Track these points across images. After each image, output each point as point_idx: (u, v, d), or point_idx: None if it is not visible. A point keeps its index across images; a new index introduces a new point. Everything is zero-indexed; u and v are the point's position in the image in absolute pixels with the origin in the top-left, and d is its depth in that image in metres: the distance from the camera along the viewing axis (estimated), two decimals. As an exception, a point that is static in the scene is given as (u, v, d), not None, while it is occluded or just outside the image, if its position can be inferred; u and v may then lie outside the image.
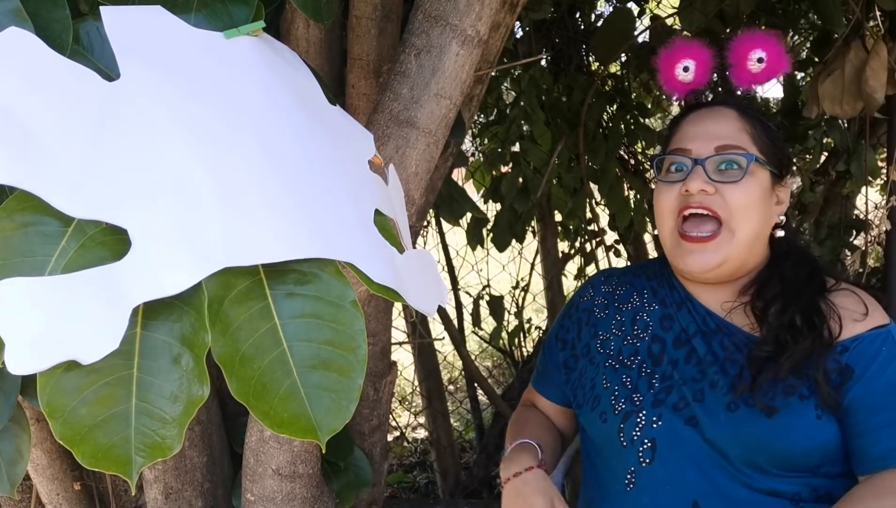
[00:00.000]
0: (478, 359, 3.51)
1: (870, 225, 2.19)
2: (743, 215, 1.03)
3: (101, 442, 0.59)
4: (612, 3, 2.57)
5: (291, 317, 0.62)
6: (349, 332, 0.62)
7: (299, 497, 1.20)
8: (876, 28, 1.94)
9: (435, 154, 1.06)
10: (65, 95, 0.62)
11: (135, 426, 0.59)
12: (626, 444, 1.08)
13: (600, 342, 1.19)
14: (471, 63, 1.03)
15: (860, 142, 2.10)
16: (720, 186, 1.03)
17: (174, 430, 0.59)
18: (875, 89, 1.74)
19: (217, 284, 0.60)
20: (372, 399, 1.49)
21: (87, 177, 0.59)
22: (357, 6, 1.18)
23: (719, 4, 2.00)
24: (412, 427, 3.29)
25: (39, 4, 0.65)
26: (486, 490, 2.69)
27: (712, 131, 1.06)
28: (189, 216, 0.60)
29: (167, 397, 0.59)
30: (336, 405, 0.62)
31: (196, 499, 1.30)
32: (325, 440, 0.62)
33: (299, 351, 0.62)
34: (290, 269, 0.63)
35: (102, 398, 0.58)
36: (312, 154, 0.71)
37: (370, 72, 1.22)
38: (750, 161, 1.03)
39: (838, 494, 1.01)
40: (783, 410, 1.00)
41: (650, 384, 1.10)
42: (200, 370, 0.59)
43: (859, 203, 2.61)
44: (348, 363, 0.62)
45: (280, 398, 0.61)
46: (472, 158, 2.58)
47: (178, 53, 0.68)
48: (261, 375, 0.61)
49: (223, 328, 0.60)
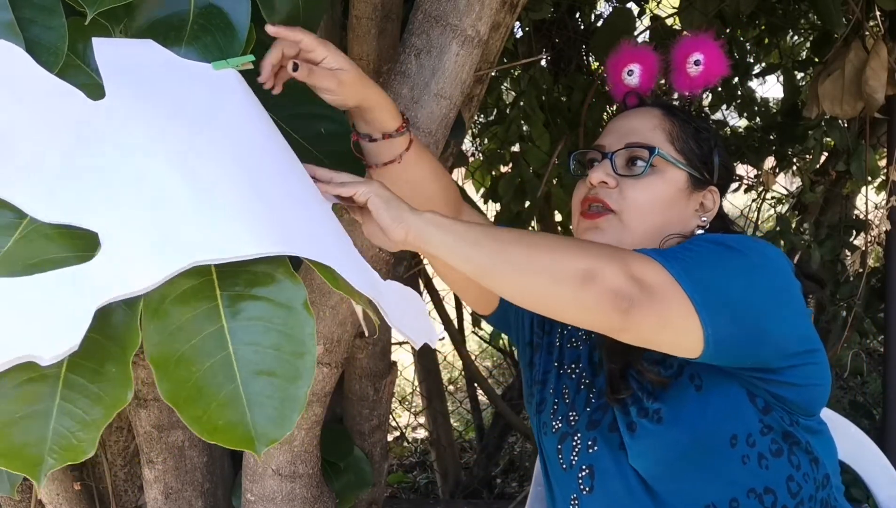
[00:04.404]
0: (478, 359, 3.51)
1: (870, 225, 2.19)
2: (638, 211, 0.99)
3: (16, 440, 0.56)
4: (612, 3, 2.57)
5: (239, 319, 0.60)
6: (298, 336, 0.60)
7: (299, 497, 1.20)
8: (876, 28, 1.94)
9: (435, 154, 1.06)
10: (47, 109, 0.63)
11: (53, 426, 0.57)
12: (565, 467, 1.04)
13: (559, 335, 1.14)
14: (471, 63, 1.03)
15: (860, 142, 2.10)
16: (623, 181, 1.00)
17: (92, 433, 0.57)
18: (875, 89, 1.74)
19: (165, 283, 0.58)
20: (372, 399, 1.49)
21: (63, 186, 0.60)
22: (357, 6, 1.18)
23: (719, 4, 2.00)
24: (412, 427, 3.29)
25: (36, 12, 0.66)
26: (486, 490, 2.69)
27: (627, 128, 1.04)
28: (158, 219, 0.60)
29: (90, 398, 0.57)
30: (279, 414, 0.59)
31: (196, 499, 1.30)
32: (262, 452, 0.58)
33: (244, 355, 0.59)
34: (244, 270, 0.61)
35: (24, 395, 0.56)
36: (288, 173, 0.72)
37: (370, 72, 1.22)
38: (653, 155, 0.99)
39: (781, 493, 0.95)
40: (666, 405, 0.95)
41: (587, 401, 1.04)
42: (126, 372, 0.57)
43: (859, 203, 2.61)
44: (295, 369, 0.60)
45: (218, 403, 0.58)
46: (472, 159, 2.58)
47: (163, 79, 0.70)
48: (199, 378, 0.58)
49: (160, 327, 0.58)
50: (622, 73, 1.11)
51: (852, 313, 2.19)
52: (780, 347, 0.89)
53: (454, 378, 3.66)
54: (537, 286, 0.79)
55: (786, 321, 0.89)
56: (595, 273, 0.77)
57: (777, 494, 0.95)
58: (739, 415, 0.94)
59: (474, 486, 2.64)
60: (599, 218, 1.00)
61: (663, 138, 1.02)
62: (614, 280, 0.77)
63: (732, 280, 0.85)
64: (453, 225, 0.78)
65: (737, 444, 0.94)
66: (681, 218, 1.02)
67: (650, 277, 0.80)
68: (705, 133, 1.05)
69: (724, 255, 0.87)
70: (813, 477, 0.97)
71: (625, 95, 1.11)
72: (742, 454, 0.94)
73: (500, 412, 2.67)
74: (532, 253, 0.78)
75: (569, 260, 0.78)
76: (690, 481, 0.95)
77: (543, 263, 0.78)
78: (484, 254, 0.78)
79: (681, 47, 1.08)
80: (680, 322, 0.81)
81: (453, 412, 3.04)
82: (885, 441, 2.00)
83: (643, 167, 1.00)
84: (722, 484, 0.95)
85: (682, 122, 1.04)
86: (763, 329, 0.87)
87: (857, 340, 2.69)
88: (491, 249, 0.78)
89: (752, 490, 0.95)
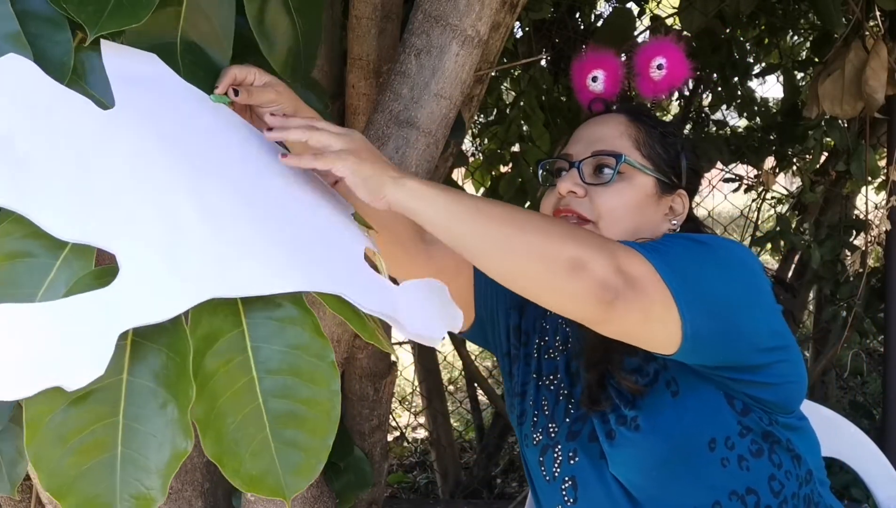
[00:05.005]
0: (478, 359, 3.51)
1: (870, 225, 2.19)
2: (610, 219, 0.98)
3: (87, 492, 0.57)
4: (612, 3, 2.57)
5: (269, 371, 0.61)
6: (325, 392, 0.62)
7: (299, 497, 1.20)
8: (876, 28, 1.94)
9: (435, 154, 1.06)
10: (60, 121, 0.63)
11: (120, 474, 0.57)
12: (548, 479, 1.04)
13: (536, 346, 1.13)
14: (471, 63, 1.03)
15: (860, 142, 2.10)
16: (591, 189, 1.00)
17: (158, 481, 0.58)
18: (875, 89, 1.74)
19: (201, 335, 0.59)
20: (372, 399, 1.49)
21: (80, 202, 0.59)
22: (357, 6, 1.18)
23: (719, 4, 2.00)
24: (412, 427, 3.29)
25: (41, 26, 0.66)
26: (486, 490, 2.69)
27: (593, 136, 1.04)
28: (179, 245, 0.60)
29: (153, 446, 0.58)
30: (305, 463, 0.61)
31: (196, 499, 1.30)
32: (290, 499, 0.61)
33: (274, 407, 0.61)
34: (270, 319, 0.62)
35: (88, 447, 0.57)
36: (301, 198, 0.73)
37: (370, 72, 1.22)
38: (620, 162, 0.99)
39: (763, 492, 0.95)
40: (643, 413, 0.94)
41: (566, 411, 1.04)
42: (185, 422, 0.58)
43: (859, 203, 2.61)
44: (321, 423, 0.62)
45: (251, 453, 0.60)
46: (472, 159, 2.58)
47: (170, 95, 0.71)
48: (234, 430, 0.60)
49: (203, 381, 0.59)
50: (586, 79, 1.10)
51: (852, 313, 2.19)
52: (753, 342, 0.89)
53: (454, 378, 3.66)
54: (523, 270, 0.78)
55: (758, 315, 0.90)
56: (584, 263, 0.76)
57: (759, 494, 0.95)
58: (717, 419, 0.94)
59: (474, 486, 2.64)
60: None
61: (630, 145, 1.02)
62: (602, 272, 0.76)
63: (708, 275, 0.86)
64: (438, 196, 0.76)
65: (716, 447, 0.94)
66: (651, 222, 1.02)
67: (635, 269, 0.79)
68: (671, 137, 1.05)
69: (697, 251, 0.88)
70: (795, 474, 0.97)
71: (590, 102, 1.11)
72: (721, 457, 0.94)
73: (500, 413, 2.67)
74: (520, 235, 0.77)
75: (558, 246, 0.77)
76: (671, 487, 0.95)
77: (532, 246, 0.77)
78: (469, 231, 0.76)
79: (643, 52, 1.08)
80: (660, 316, 0.81)
81: (453, 412, 3.04)
82: (885, 441, 2.00)
83: (610, 175, 0.99)
84: (703, 489, 0.95)
85: (649, 127, 1.04)
86: (737, 323, 0.87)
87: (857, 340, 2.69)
88: (477, 226, 0.76)
89: (734, 492, 0.94)
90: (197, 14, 0.75)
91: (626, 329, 0.83)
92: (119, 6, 0.65)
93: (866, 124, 2.03)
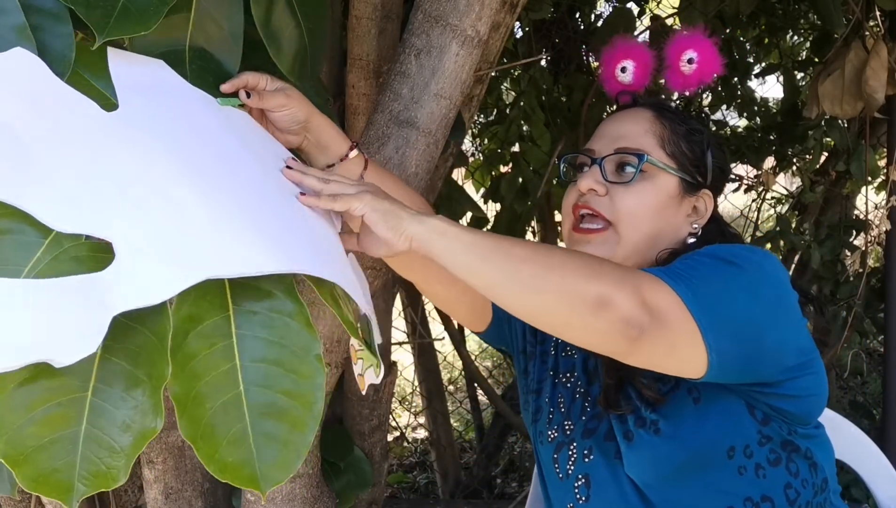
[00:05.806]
0: (478, 359, 3.51)
1: (870, 225, 2.19)
2: (630, 220, 0.97)
3: (44, 465, 0.56)
4: (612, 3, 2.57)
5: (253, 360, 0.61)
6: (308, 386, 0.61)
7: (299, 497, 1.20)
8: (876, 28, 1.94)
9: (435, 154, 1.06)
10: (63, 116, 0.63)
11: (81, 451, 0.57)
12: (561, 476, 1.03)
13: (553, 344, 1.13)
14: (471, 63, 1.03)
15: (860, 142, 2.10)
16: (612, 188, 0.98)
17: (121, 461, 0.57)
18: (875, 89, 1.74)
19: (185, 315, 0.59)
20: (372, 399, 1.49)
21: (78, 194, 0.59)
22: (357, 6, 1.18)
23: (719, 4, 2.00)
24: (412, 427, 3.29)
25: (44, 18, 0.65)
26: (486, 490, 2.69)
27: (617, 132, 1.02)
28: (173, 230, 0.60)
29: (118, 425, 0.57)
30: (283, 457, 0.60)
31: (196, 499, 1.30)
32: (266, 491, 0.60)
33: (255, 396, 0.60)
34: (259, 308, 0.62)
35: (52, 419, 0.56)
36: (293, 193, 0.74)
37: (370, 72, 1.22)
38: (642, 162, 0.97)
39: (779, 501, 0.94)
40: (664, 418, 0.94)
41: (582, 409, 1.04)
42: (156, 401, 0.57)
43: (859, 203, 2.61)
44: (302, 417, 0.61)
45: (228, 441, 0.59)
46: (472, 159, 2.58)
47: (175, 98, 0.72)
48: (212, 415, 0.59)
49: (183, 362, 0.58)
50: (616, 69, 1.08)
51: (852, 313, 2.19)
52: (780, 362, 0.88)
53: (454, 378, 3.65)
54: (548, 309, 0.77)
55: (785, 335, 0.88)
56: (608, 300, 0.75)
57: (775, 501, 0.94)
58: (738, 427, 0.94)
59: (474, 486, 2.64)
60: (592, 235, 0.99)
61: (654, 143, 1.00)
62: (627, 308, 0.75)
63: (735, 298, 0.84)
64: (460, 234, 0.75)
65: (734, 455, 0.94)
66: (672, 224, 1.00)
67: (661, 301, 0.78)
68: (698, 134, 1.03)
69: (725, 272, 0.86)
70: (812, 483, 0.97)
71: (618, 94, 1.09)
72: (739, 465, 0.94)
73: (500, 412, 2.67)
74: (545, 274, 0.76)
75: (582, 284, 0.75)
76: (686, 490, 0.95)
77: (555, 285, 0.76)
78: (493, 269, 0.76)
79: (674, 45, 1.05)
80: (686, 348, 0.80)
81: (453, 412, 3.04)
82: (885, 441, 2.00)
83: (633, 173, 0.98)
84: (718, 494, 0.95)
85: (674, 123, 1.02)
86: (763, 346, 0.86)
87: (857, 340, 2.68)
88: (501, 264, 0.76)
89: (749, 498, 0.94)
90: (207, 19, 0.75)
91: (652, 361, 0.82)
92: (126, 12, 0.65)
93: (866, 124, 2.03)
